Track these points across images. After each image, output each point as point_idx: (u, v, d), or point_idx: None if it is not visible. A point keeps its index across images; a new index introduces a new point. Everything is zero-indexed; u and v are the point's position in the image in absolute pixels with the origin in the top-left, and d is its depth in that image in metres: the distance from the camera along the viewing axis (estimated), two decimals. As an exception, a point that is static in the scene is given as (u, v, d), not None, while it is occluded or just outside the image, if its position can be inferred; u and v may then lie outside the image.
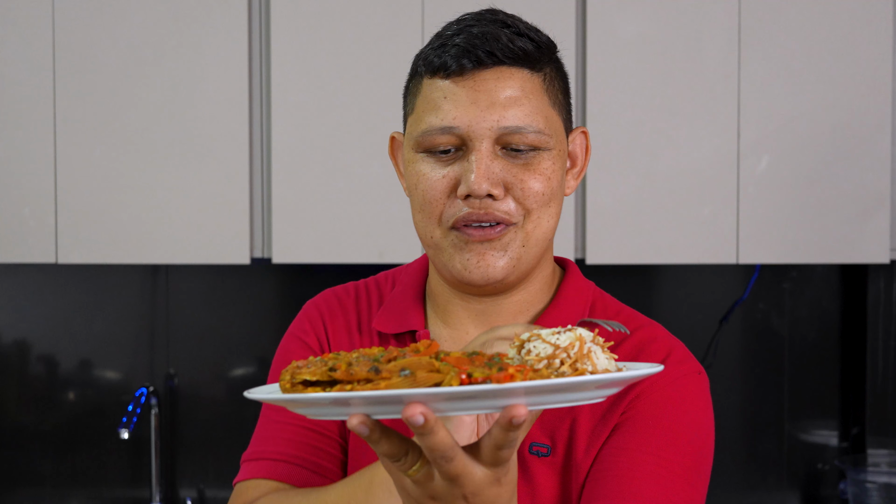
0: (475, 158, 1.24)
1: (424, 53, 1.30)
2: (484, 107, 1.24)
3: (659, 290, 3.15)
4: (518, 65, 1.27)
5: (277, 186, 2.71)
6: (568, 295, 1.37)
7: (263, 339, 3.09)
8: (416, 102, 1.30)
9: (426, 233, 1.30)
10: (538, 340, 1.00)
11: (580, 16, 2.72)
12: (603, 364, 0.99)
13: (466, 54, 1.25)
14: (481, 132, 1.25)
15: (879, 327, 3.09)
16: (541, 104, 1.28)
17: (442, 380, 0.92)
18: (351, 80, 2.71)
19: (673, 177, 2.72)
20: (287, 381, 0.96)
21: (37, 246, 2.71)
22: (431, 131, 1.26)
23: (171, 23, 2.70)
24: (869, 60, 2.73)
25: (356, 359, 0.96)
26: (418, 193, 1.29)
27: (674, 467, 1.25)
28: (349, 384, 0.93)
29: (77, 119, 2.70)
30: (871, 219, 2.73)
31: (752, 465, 3.14)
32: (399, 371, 0.92)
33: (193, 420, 3.11)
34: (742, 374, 3.15)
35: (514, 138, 1.25)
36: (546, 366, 0.97)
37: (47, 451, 3.09)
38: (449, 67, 1.25)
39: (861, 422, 3.11)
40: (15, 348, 3.11)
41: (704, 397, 1.32)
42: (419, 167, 1.28)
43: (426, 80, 1.28)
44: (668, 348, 1.33)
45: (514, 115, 1.25)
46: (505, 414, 0.92)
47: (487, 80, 1.25)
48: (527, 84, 1.27)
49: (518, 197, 1.26)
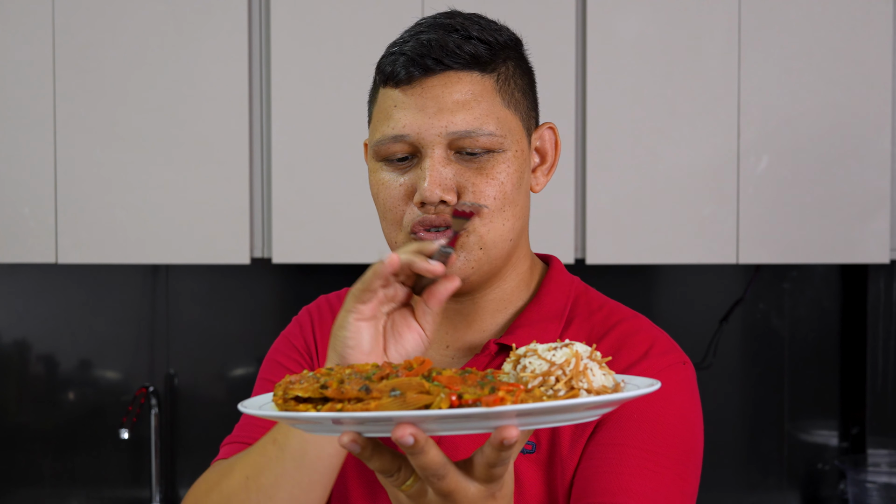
0: (427, 165, 1.26)
1: (379, 62, 1.31)
2: (432, 113, 1.25)
3: (659, 290, 3.15)
4: (467, 69, 1.27)
5: (277, 186, 2.71)
6: (550, 290, 1.37)
7: (263, 339, 3.09)
8: (374, 111, 1.32)
9: (390, 238, 1.32)
10: (534, 356, 0.99)
11: (580, 16, 2.71)
12: (599, 381, 0.97)
13: (413, 63, 1.26)
14: (431, 139, 1.26)
15: (879, 327, 3.09)
16: (492, 106, 1.28)
17: (431, 401, 0.92)
18: (351, 80, 2.71)
19: (673, 177, 2.72)
20: (280, 397, 0.97)
21: (37, 246, 2.71)
22: (385, 140, 1.28)
23: (171, 23, 2.70)
24: (869, 60, 2.73)
25: (348, 376, 0.96)
26: (380, 202, 1.31)
27: (662, 460, 1.24)
28: (340, 402, 0.94)
29: (77, 119, 2.70)
30: (871, 219, 2.73)
31: (752, 465, 3.14)
32: (389, 391, 0.93)
33: (193, 420, 3.11)
34: (742, 374, 3.15)
35: (465, 142, 1.26)
36: (540, 383, 0.96)
37: (47, 451, 3.09)
38: (398, 76, 1.27)
39: (861, 422, 3.11)
40: (15, 348, 3.11)
41: (690, 387, 1.32)
42: (379, 176, 1.31)
43: (381, 89, 1.30)
44: (650, 340, 1.33)
45: (463, 119, 1.25)
46: (496, 435, 0.93)
47: (435, 86, 1.26)
48: (476, 87, 1.27)
49: (472, 200, 1.27)
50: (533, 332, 1.33)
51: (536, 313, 1.35)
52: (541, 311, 1.35)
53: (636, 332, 1.34)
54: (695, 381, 1.33)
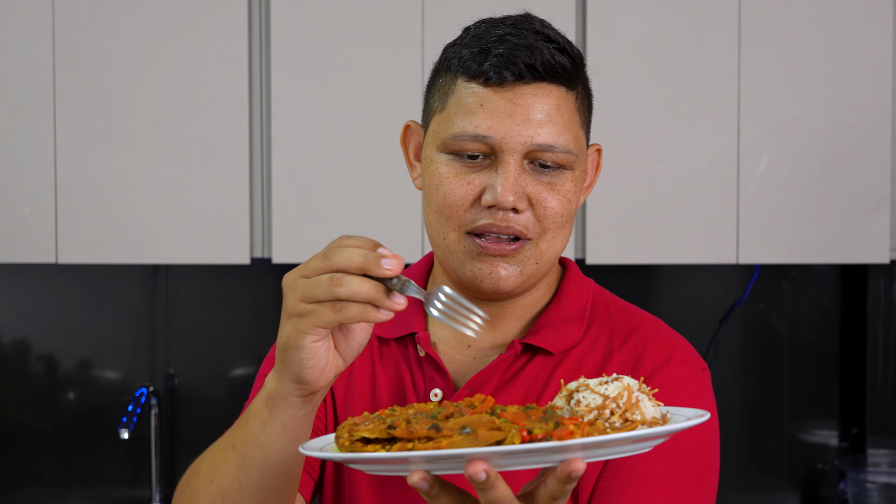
0: (504, 171, 1.25)
1: (461, 55, 1.28)
2: (520, 121, 1.24)
3: (659, 290, 3.15)
4: (556, 82, 1.27)
5: (277, 186, 2.71)
6: (569, 292, 1.38)
7: (263, 339, 3.09)
8: (448, 102, 1.28)
9: (439, 234, 1.30)
10: (587, 391, 1.03)
11: (580, 16, 2.71)
12: (650, 412, 1.02)
13: (508, 66, 1.24)
14: (514, 145, 1.24)
15: (879, 327, 3.09)
16: (571, 122, 1.28)
17: (503, 437, 0.95)
18: (351, 80, 2.71)
19: (673, 177, 2.72)
20: (346, 439, 0.99)
21: (37, 246, 2.71)
22: (463, 136, 1.25)
23: (171, 23, 2.70)
24: (869, 61, 2.73)
25: (413, 416, 1.00)
26: (438, 195, 1.28)
27: (684, 474, 1.26)
28: (410, 442, 0.97)
29: (77, 119, 2.70)
30: (871, 219, 2.73)
31: (752, 465, 3.14)
32: (460, 429, 0.96)
33: (193, 420, 3.11)
34: (742, 374, 3.15)
35: (544, 155, 1.25)
36: (596, 416, 1.00)
37: (47, 451, 3.09)
38: (487, 74, 1.25)
39: (861, 422, 3.11)
40: (15, 348, 3.11)
41: (709, 394, 1.34)
42: (442, 168, 1.28)
43: (461, 81, 1.27)
44: (670, 346, 1.34)
45: (548, 132, 1.25)
46: (564, 468, 0.96)
47: (526, 94, 1.25)
48: (562, 102, 1.27)
49: (539, 214, 1.26)
50: (556, 332, 1.34)
51: (557, 314, 1.36)
52: (562, 312, 1.36)
53: (656, 337, 1.35)
54: (711, 385, 1.35)
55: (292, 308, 1.07)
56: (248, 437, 1.17)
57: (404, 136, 1.37)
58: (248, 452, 1.17)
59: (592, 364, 1.33)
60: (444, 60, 1.31)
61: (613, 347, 1.35)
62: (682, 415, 1.06)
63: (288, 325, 1.09)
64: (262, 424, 1.15)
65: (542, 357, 1.33)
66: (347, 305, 1.04)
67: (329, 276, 1.03)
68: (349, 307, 1.04)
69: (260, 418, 1.16)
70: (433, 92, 1.32)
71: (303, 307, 1.06)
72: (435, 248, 1.33)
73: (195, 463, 1.29)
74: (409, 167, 1.37)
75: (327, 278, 1.04)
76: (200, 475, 1.24)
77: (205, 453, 1.27)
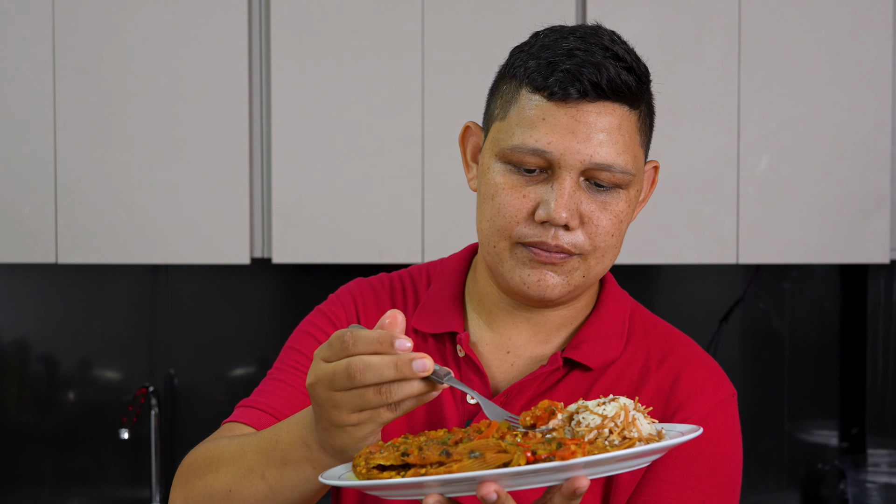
0: (559, 187, 1.24)
1: (528, 65, 1.27)
2: (581, 139, 1.23)
3: (659, 290, 3.15)
4: (620, 101, 1.26)
5: (277, 186, 2.71)
6: (608, 305, 1.40)
7: (263, 339, 3.09)
8: (510, 111, 1.28)
9: (490, 241, 1.30)
10: (586, 412, 1.08)
11: (580, 16, 2.72)
12: (646, 430, 1.07)
13: (574, 82, 1.23)
14: (572, 163, 1.24)
15: (879, 327, 3.09)
16: (632, 143, 1.27)
17: (509, 458, 1.00)
18: (351, 81, 2.71)
19: (673, 177, 2.72)
20: (363, 467, 1.04)
21: (37, 246, 2.71)
22: (522, 149, 1.25)
23: (171, 23, 2.70)
24: (869, 61, 2.73)
25: (424, 443, 1.06)
26: (493, 204, 1.28)
27: (714, 501, 1.30)
28: (423, 467, 1.02)
29: (77, 119, 2.70)
30: (871, 219, 2.73)
31: (752, 465, 3.14)
32: (469, 453, 1.02)
33: (193, 420, 3.11)
34: (742, 374, 3.15)
35: (600, 175, 1.25)
36: (596, 436, 1.05)
37: (47, 451, 3.09)
38: (553, 90, 1.24)
39: (861, 422, 3.11)
40: (15, 348, 3.11)
41: (737, 419, 1.38)
42: (498, 178, 1.28)
43: (525, 91, 1.27)
44: (704, 372, 1.36)
45: (607, 152, 1.24)
46: (569, 486, 1.01)
47: (590, 112, 1.24)
48: (624, 121, 1.26)
49: (590, 232, 1.26)
50: (597, 347, 1.35)
51: (597, 329, 1.37)
52: (601, 326, 1.37)
53: (690, 360, 1.37)
54: (737, 410, 1.39)
55: (343, 421, 1.07)
56: (284, 481, 1.18)
57: (463, 136, 1.37)
58: (282, 493, 1.19)
59: (629, 383, 1.34)
60: (510, 66, 1.30)
61: (650, 367, 1.36)
62: (676, 430, 1.11)
63: (342, 435, 1.09)
64: (305, 481, 1.17)
65: (581, 372, 1.34)
66: (402, 403, 1.06)
67: (375, 389, 1.04)
68: (404, 403, 1.06)
69: (303, 475, 1.16)
70: (496, 97, 1.31)
71: (356, 417, 1.07)
72: (484, 252, 1.33)
73: (207, 456, 1.27)
74: (466, 167, 1.37)
75: (374, 392, 1.04)
76: (220, 478, 1.24)
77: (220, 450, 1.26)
